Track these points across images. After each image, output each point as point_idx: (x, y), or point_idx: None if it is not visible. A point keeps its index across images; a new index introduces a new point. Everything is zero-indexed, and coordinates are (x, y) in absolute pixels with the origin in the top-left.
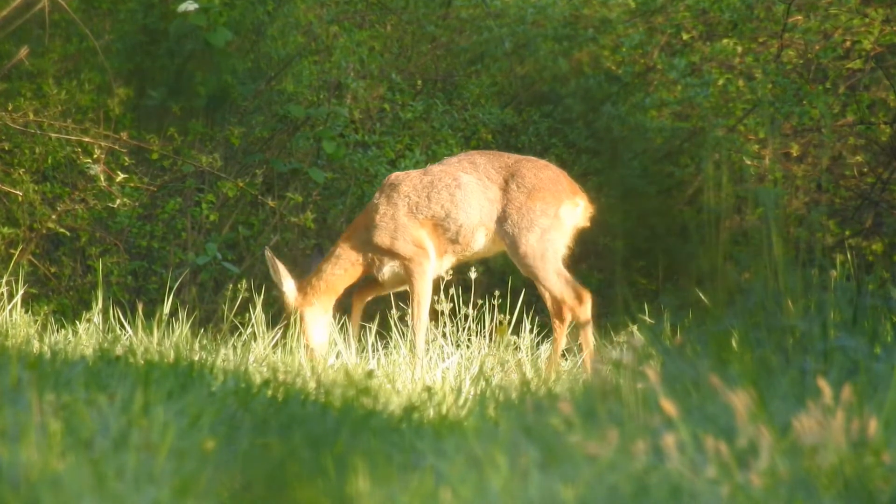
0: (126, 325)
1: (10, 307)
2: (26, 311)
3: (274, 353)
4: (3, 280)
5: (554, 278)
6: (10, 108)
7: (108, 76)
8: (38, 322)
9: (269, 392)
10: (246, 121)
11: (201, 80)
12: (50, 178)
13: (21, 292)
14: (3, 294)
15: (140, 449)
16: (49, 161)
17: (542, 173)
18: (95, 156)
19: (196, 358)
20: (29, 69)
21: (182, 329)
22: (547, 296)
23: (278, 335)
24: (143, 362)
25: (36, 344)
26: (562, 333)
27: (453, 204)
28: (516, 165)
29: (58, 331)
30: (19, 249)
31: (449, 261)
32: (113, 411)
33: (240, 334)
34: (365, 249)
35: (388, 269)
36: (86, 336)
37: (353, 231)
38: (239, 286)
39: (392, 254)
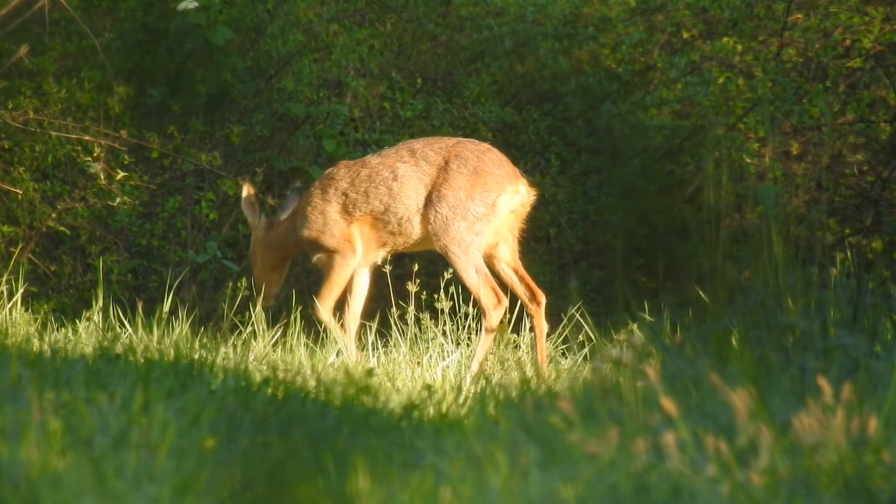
0: (126, 323)
1: (9, 306)
2: (26, 310)
3: (274, 351)
4: (3, 278)
5: (472, 274)
6: (10, 107)
7: (107, 74)
8: (38, 320)
9: (269, 390)
10: (246, 119)
11: (201, 79)
12: (50, 177)
13: (21, 291)
14: (2, 292)
15: (140, 447)
16: (49, 159)
17: (485, 156)
18: (95, 154)
19: (196, 356)
20: (29, 67)
21: (182, 327)
22: (514, 283)
23: (278, 333)
24: (143, 361)
25: (36, 342)
26: (540, 319)
27: (391, 197)
28: (458, 147)
29: (58, 329)
30: (19, 248)
31: (385, 251)
32: (113, 410)
33: (240, 333)
34: (294, 234)
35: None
36: (86, 334)
37: (292, 214)
38: (239, 284)
39: (318, 245)
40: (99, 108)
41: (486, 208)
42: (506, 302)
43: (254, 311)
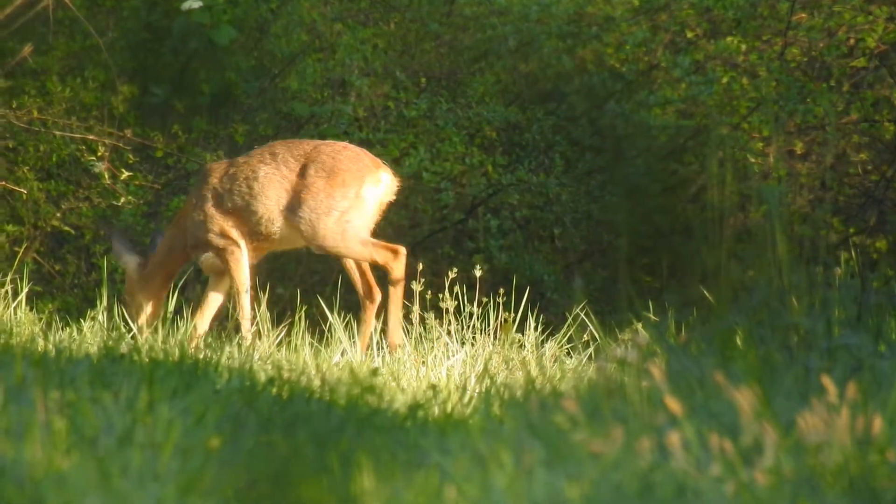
0: (131, 323)
1: (14, 305)
2: (31, 309)
3: (279, 350)
4: (8, 278)
5: (360, 248)
6: (14, 106)
7: (111, 74)
8: (43, 320)
9: (274, 390)
10: (250, 118)
11: (205, 78)
12: (54, 176)
13: (25, 290)
14: (7, 292)
15: (145, 447)
16: (53, 159)
17: (341, 155)
18: (100, 153)
19: (201, 356)
20: (33, 67)
21: (187, 327)
22: (356, 278)
23: (283, 333)
24: (147, 360)
25: (40, 342)
26: (371, 315)
27: (252, 196)
28: (314, 151)
29: (62, 329)
30: (24, 247)
31: (258, 250)
32: (117, 409)
33: (238, 335)
34: (184, 238)
35: (204, 256)
36: (90, 334)
37: (176, 219)
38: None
39: (205, 244)
40: (103, 107)
41: (349, 201)
42: (403, 250)
43: (258, 311)
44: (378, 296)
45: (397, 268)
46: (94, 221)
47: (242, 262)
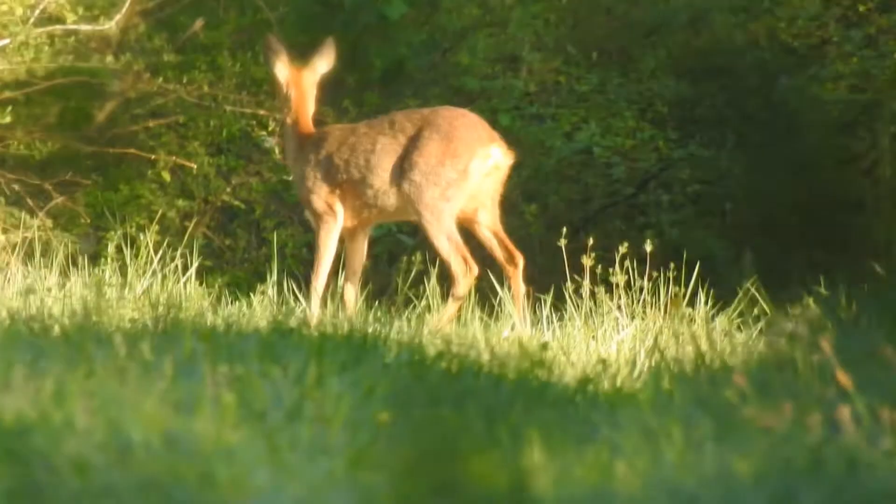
0: (300, 297)
1: (184, 279)
2: (201, 284)
3: (448, 325)
4: (178, 252)
5: (444, 240)
6: (185, 81)
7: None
8: (213, 294)
9: (443, 364)
10: (421, 93)
11: (376, 52)
12: (225, 151)
13: (195, 265)
14: (177, 266)
15: (313, 421)
16: (224, 134)
17: (457, 121)
18: (270, 128)
19: (370, 330)
20: (204, 42)
21: (357, 300)
22: (493, 245)
23: (455, 308)
24: (316, 334)
25: (210, 316)
26: (517, 280)
27: (368, 169)
28: (432, 115)
29: (232, 303)
30: (194, 222)
31: (365, 221)
32: (286, 383)
33: (414, 307)
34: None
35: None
36: (260, 308)
37: None
38: (413, 258)
39: (304, 202)
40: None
41: (457, 174)
42: (476, 271)
43: (428, 286)
44: (520, 259)
45: (464, 285)
46: (265, 196)
47: (333, 234)
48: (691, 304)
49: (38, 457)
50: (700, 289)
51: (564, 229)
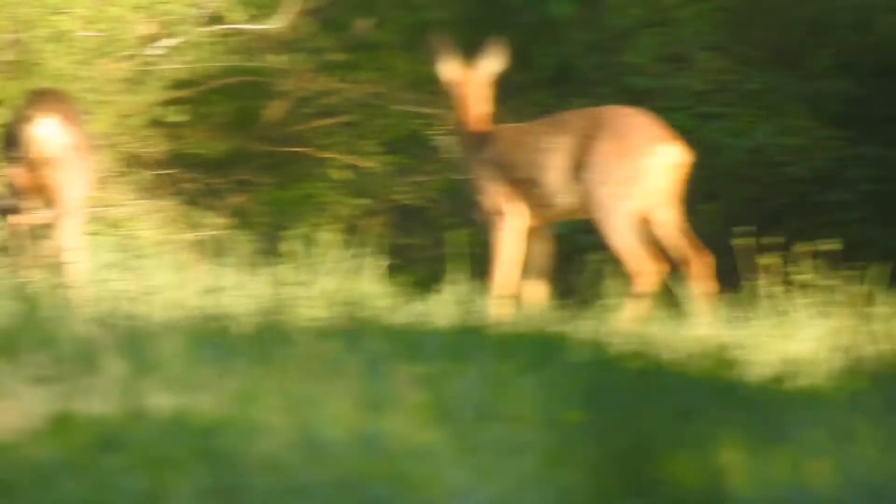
0: (482, 296)
1: (367, 278)
2: (384, 283)
3: (631, 324)
4: (361, 251)
5: (621, 239)
6: (354, 80)
7: (454, 48)
8: (395, 293)
9: (631, 363)
10: (589, 92)
11: (544, 52)
12: (398, 150)
13: (379, 263)
14: (360, 265)
15: (504, 420)
16: (395, 133)
17: (629, 121)
18: (440, 128)
19: (553, 329)
20: (372, 41)
21: (539, 300)
22: (678, 244)
23: (639, 306)
24: (499, 333)
25: (393, 315)
26: (699, 273)
27: (538, 167)
28: (604, 114)
29: (415, 302)
30: (373, 221)
31: (539, 219)
32: (475, 382)
33: (596, 305)
34: None
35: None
36: (442, 308)
37: None
38: (596, 257)
39: (476, 203)
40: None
41: (630, 172)
42: (656, 269)
43: (610, 284)
44: (705, 257)
45: (644, 283)
46: (442, 195)
47: (508, 232)
48: (876, 302)
49: (229, 456)
50: (887, 287)
51: (742, 228)
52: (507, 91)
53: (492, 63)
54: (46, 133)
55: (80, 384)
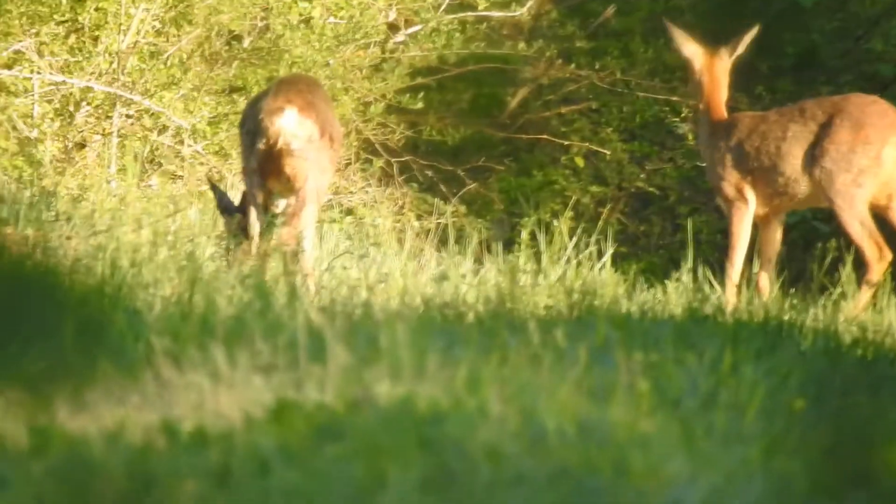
0: (715, 283)
1: (599, 266)
2: (615, 271)
3: (863, 312)
4: (592, 238)
5: (857, 226)
6: (597, 67)
7: (693, 34)
8: (627, 281)
9: (858, 351)
10: (833, 80)
11: (789, 40)
12: (638, 137)
13: (610, 251)
14: (592, 253)
15: (728, 408)
16: (637, 120)
17: (869, 108)
18: (683, 115)
19: (785, 317)
20: (616, 28)
21: (772, 288)
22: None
23: (870, 294)
24: (731, 321)
25: (624, 303)
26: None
27: (779, 156)
28: (843, 102)
29: (646, 290)
30: (608, 208)
31: (776, 208)
32: (701, 370)
33: (829, 293)
34: None
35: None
36: (675, 295)
37: None
38: (828, 245)
39: (716, 190)
40: (684, 68)
41: (868, 160)
42: (890, 257)
43: (843, 272)
44: (888, 254)
45: (878, 271)
46: (679, 182)
47: (746, 220)
48: None
49: (451, 444)
50: None
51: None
52: (750, 78)
53: (735, 49)
54: (290, 125)
55: (304, 373)
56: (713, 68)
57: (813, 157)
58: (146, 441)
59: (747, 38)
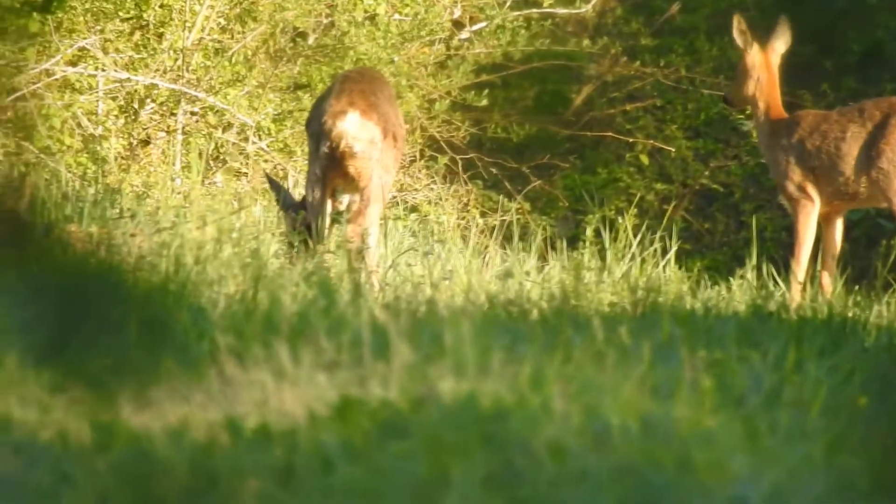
0: (779, 281)
1: (663, 263)
2: (679, 268)
3: None
4: (657, 235)
5: None
6: (661, 64)
7: (757, 31)
8: (691, 278)
9: None
10: None
11: (854, 37)
12: (702, 135)
13: (674, 248)
14: (656, 250)
15: (792, 405)
16: (701, 117)
17: None
18: (748, 112)
19: (849, 314)
20: (680, 25)
21: (836, 285)
22: None
23: None
24: (795, 318)
25: (688, 300)
26: None
27: (839, 156)
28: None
29: (710, 287)
30: (672, 205)
31: (837, 208)
32: (765, 368)
33: (893, 291)
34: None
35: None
36: (739, 292)
37: None
38: (893, 242)
39: (781, 188)
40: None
41: None
42: None
43: None
44: None
45: None
46: (743, 180)
47: (811, 218)
48: None
49: (515, 441)
50: None
51: None
52: (814, 76)
53: (781, 44)
54: (352, 128)
55: (368, 370)
56: (770, 65)
57: (869, 157)
58: (210, 438)
59: (785, 32)
